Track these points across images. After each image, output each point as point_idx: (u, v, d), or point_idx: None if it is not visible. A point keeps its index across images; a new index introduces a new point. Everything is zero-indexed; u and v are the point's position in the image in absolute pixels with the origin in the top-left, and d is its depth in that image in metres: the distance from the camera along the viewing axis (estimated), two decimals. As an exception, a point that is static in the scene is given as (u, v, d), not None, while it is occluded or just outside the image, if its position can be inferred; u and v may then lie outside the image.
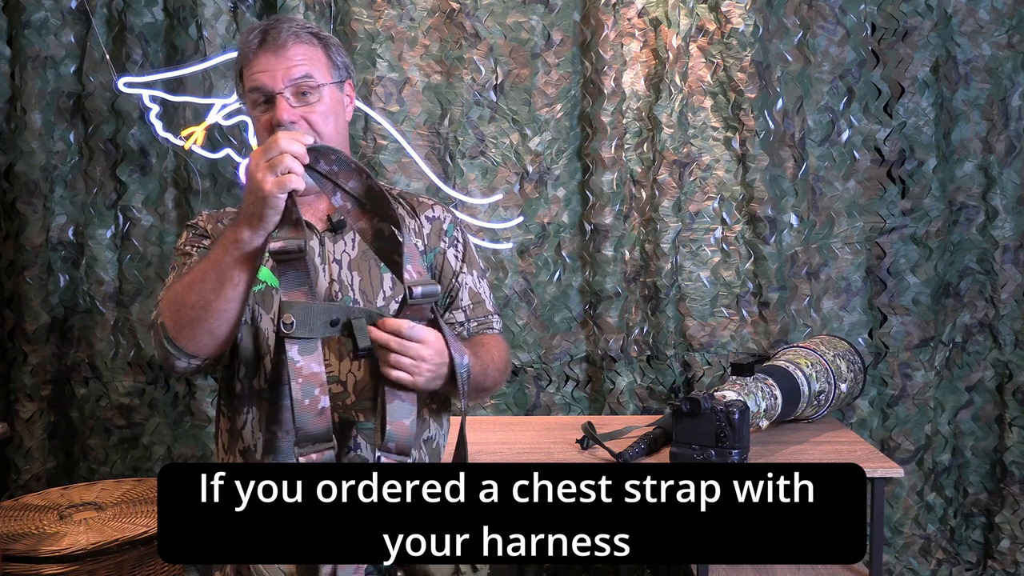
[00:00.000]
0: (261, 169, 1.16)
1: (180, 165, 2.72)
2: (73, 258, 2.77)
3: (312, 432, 1.17)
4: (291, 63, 1.39)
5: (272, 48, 1.39)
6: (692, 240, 2.75)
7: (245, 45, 1.42)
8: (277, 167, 1.15)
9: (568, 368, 2.81)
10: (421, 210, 1.50)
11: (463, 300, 1.49)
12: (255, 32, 1.42)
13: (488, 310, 1.51)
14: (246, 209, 1.19)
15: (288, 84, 1.38)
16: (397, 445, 1.20)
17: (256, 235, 1.19)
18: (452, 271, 1.48)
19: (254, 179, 1.17)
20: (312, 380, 1.16)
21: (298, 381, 1.16)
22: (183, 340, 1.29)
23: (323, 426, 1.17)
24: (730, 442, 1.98)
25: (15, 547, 2.10)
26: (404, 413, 1.21)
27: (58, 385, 2.80)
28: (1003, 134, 2.73)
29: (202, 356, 1.32)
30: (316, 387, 1.16)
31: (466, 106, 2.72)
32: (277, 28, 1.41)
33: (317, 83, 1.40)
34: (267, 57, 1.39)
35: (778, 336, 2.71)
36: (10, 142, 2.72)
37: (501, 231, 2.74)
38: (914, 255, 2.76)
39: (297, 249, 1.17)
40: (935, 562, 2.77)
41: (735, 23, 2.64)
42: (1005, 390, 2.78)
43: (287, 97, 1.38)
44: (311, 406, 1.16)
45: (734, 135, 2.70)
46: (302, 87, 1.39)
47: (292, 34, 1.40)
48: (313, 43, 1.43)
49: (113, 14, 2.70)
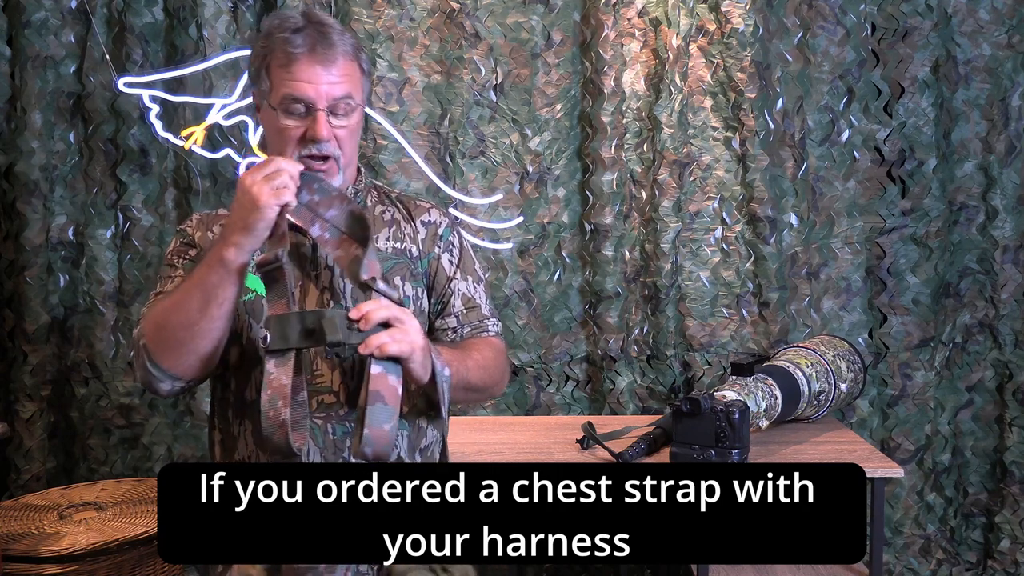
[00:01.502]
0: (257, 183, 1.16)
1: (180, 165, 2.72)
2: (73, 258, 2.77)
3: (275, 443, 1.15)
4: (337, 80, 1.34)
5: (321, 59, 1.34)
6: (692, 240, 2.75)
7: (286, 43, 1.34)
8: (273, 180, 1.16)
9: (568, 368, 2.81)
10: (417, 214, 1.49)
11: (455, 306, 1.47)
12: (301, 34, 1.35)
13: (483, 315, 1.49)
14: (237, 223, 1.18)
15: (330, 101, 1.34)
16: (374, 451, 1.17)
17: (243, 252, 1.19)
18: (445, 276, 1.47)
19: (249, 192, 1.16)
20: (278, 392, 1.14)
21: (267, 392, 1.15)
22: (167, 362, 1.27)
23: (282, 440, 1.14)
24: (730, 442, 1.98)
25: (15, 547, 2.09)
26: (385, 418, 1.18)
27: (58, 385, 2.80)
28: (1003, 134, 2.73)
29: (187, 377, 1.31)
30: (280, 399, 1.14)
31: (466, 106, 2.72)
32: (328, 38, 1.35)
33: (355, 104, 1.38)
34: (314, 68, 1.33)
35: (778, 336, 2.71)
36: (10, 142, 2.72)
37: (501, 231, 2.73)
38: (914, 255, 2.76)
39: (275, 258, 1.17)
40: (935, 562, 2.77)
41: (735, 23, 2.64)
42: (1005, 390, 2.78)
43: (327, 113, 1.34)
44: (274, 418, 1.14)
45: (734, 135, 2.70)
46: (340, 106, 1.36)
47: (343, 51, 1.36)
48: (355, 60, 1.39)
49: (113, 14, 2.70)
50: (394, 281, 1.39)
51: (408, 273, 1.42)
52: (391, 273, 1.40)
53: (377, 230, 1.43)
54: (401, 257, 1.42)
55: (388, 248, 1.42)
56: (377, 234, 1.42)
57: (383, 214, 1.46)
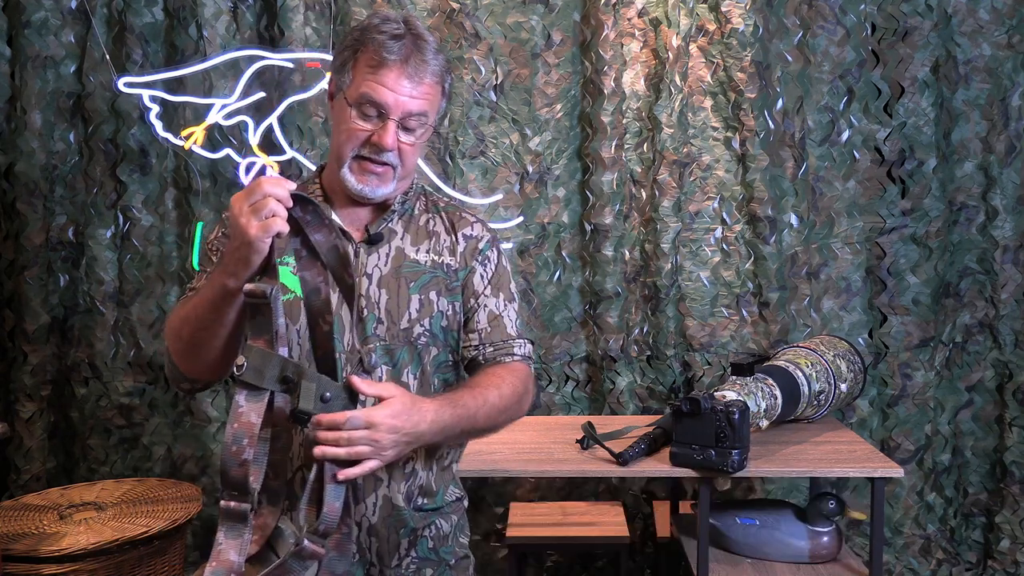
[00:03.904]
0: (245, 214, 1.14)
1: (180, 165, 2.72)
2: (73, 258, 2.77)
3: (232, 479, 1.12)
4: (418, 97, 1.34)
5: (411, 72, 1.33)
6: (692, 240, 2.75)
7: (381, 47, 1.33)
8: (261, 211, 1.14)
9: (568, 368, 2.81)
10: (460, 226, 1.46)
11: (480, 323, 1.43)
12: (399, 42, 1.33)
13: (509, 334, 1.44)
14: (231, 253, 1.17)
15: (405, 114, 1.33)
16: (326, 528, 1.16)
17: (241, 280, 1.16)
18: (474, 291, 1.44)
19: (238, 224, 1.14)
20: (245, 429, 1.11)
21: (233, 425, 1.11)
22: (183, 365, 1.31)
23: (241, 477, 1.11)
24: (730, 442, 1.98)
25: (15, 547, 2.09)
26: (337, 496, 1.18)
27: (58, 385, 2.80)
28: (1003, 134, 2.73)
29: (202, 380, 1.33)
30: (245, 437, 1.11)
31: (466, 106, 2.72)
32: (423, 54, 1.34)
33: (427, 123, 1.37)
34: (401, 78, 1.32)
35: (778, 336, 2.71)
36: (10, 142, 2.72)
37: (501, 231, 2.73)
38: (914, 255, 2.76)
39: (262, 294, 1.15)
40: (935, 562, 2.77)
41: (735, 23, 2.64)
42: (1005, 390, 2.78)
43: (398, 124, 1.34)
44: (236, 453, 1.11)
45: (734, 135, 2.70)
46: (412, 121, 1.35)
47: (432, 70, 1.35)
48: (440, 82, 1.38)
49: (113, 14, 2.70)
50: (429, 295, 1.38)
51: (444, 287, 1.40)
52: (427, 288, 1.39)
53: (419, 240, 1.42)
54: (439, 271, 1.41)
55: (427, 261, 1.40)
56: (418, 245, 1.41)
57: (427, 224, 1.44)
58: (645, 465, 2.10)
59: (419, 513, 1.36)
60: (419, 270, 1.39)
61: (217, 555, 1.12)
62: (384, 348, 1.33)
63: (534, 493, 2.80)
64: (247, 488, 1.13)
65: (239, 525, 1.12)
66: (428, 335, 1.36)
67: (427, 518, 1.37)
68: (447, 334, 1.38)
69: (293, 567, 1.14)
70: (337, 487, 1.19)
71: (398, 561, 1.34)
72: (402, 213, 1.41)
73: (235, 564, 1.11)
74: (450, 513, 1.41)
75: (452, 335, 1.40)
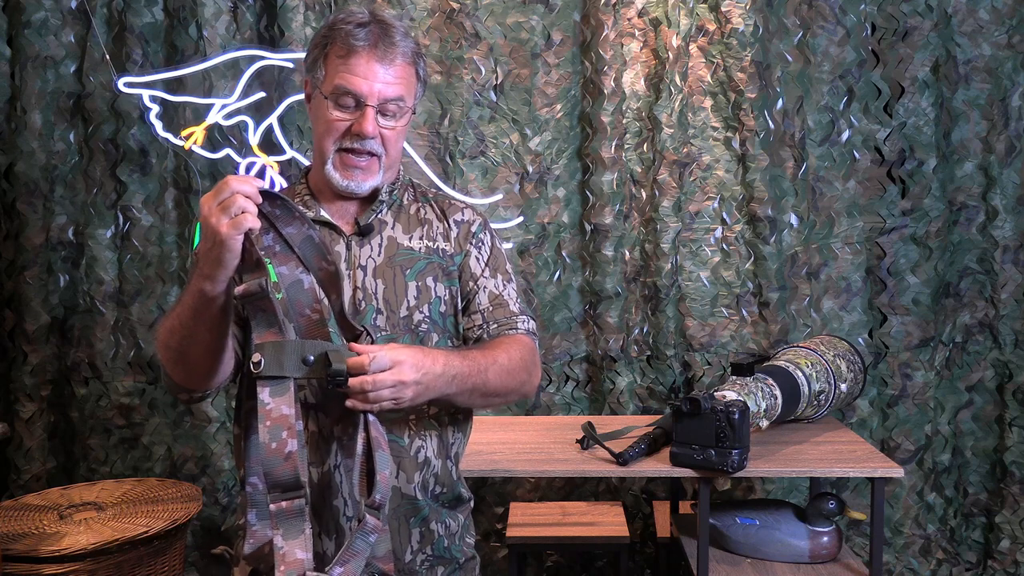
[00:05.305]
0: (214, 214, 1.13)
1: (180, 165, 2.72)
2: (73, 258, 2.77)
3: (279, 478, 1.11)
4: (392, 80, 1.34)
5: (380, 57, 1.34)
6: (692, 240, 2.75)
7: (348, 36, 1.34)
8: (230, 208, 1.13)
9: (568, 368, 2.81)
10: (451, 213, 1.47)
11: (481, 303, 1.44)
12: (365, 29, 1.34)
13: (512, 312, 1.45)
14: (205, 255, 1.17)
15: (381, 100, 1.34)
16: (382, 498, 1.15)
17: (218, 283, 1.16)
18: (472, 274, 1.45)
19: (208, 224, 1.13)
20: (281, 423, 1.11)
21: (266, 424, 1.11)
22: (177, 377, 1.29)
23: (290, 472, 1.11)
24: (730, 442, 1.98)
25: (15, 547, 2.09)
26: (385, 463, 1.17)
27: (58, 385, 2.80)
28: (1003, 134, 2.73)
29: (199, 390, 1.31)
30: (284, 430, 1.11)
31: (466, 106, 2.72)
32: (391, 37, 1.35)
33: (406, 107, 1.38)
34: (371, 63, 1.33)
35: (778, 336, 2.71)
36: (10, 142, 2.72)
37: (501, 231, 2.73)
38: (914, 255, 2.76)
39: (259, 289, 1.14)
40: (935, 562, 2.77)
41: (735, 23, 2.64)
42: (1005, 390, 2.78)
43: (376, 111, 1.34)
44: (278, 449, 1.10)
45: (734, 135, 2.70)
46: (390, 107, 1.35)
47: (402, 52, 1.35)
48: (413, 64, 1.39)
49: (113, 14, 2.70)
50: (426, 281, 1.39)
51: (440, 273, 1.41)
52: (423, 274, 1.39)
53: (411, 229, 1.42)
54: (434, 256, 1.41)
55: (421, 248, 1.41)
56: (410, 233, 1.42)
57: (417, 212, 1.45)
58: (645, 465, 2.10)
59: (436, 503, 1.36)
60: (414, 257, 1.39)
61: (283, 558, 1.09)
62: (386, 339, 1.32)
63: (534, 493, 2.80)
64: (298, 482, 1.12)
65: (296, 522, 1.11)
66: (428, 321, 1.36)
67: (441, 510, 1.37)
68: (445, 320, 1.38)
69: (360, 547, 1.13)
70: (382, 454, 1.17)
71: (411, 556, 1.34)
72: (391, 204, 1.42)
73: (304, 561, 1.09)
74: (460, 511, 1.41)
75: (451, 320, 1.40)
